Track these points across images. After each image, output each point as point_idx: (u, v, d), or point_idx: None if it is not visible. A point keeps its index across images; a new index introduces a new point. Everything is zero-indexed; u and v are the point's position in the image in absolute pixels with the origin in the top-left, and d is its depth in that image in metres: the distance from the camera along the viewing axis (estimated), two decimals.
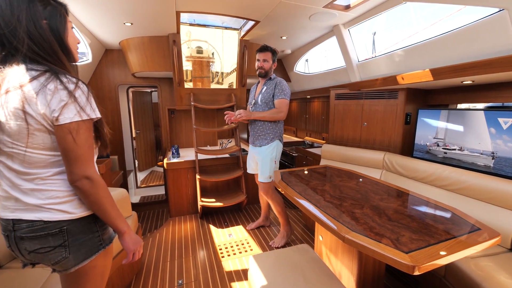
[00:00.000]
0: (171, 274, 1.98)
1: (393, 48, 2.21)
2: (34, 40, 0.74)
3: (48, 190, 0.78)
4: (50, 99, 0.72)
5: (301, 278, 1.29)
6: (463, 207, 1.66)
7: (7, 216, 0.78)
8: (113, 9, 2.05)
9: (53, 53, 0.77)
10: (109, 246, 0.90)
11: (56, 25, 0.79)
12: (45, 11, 0.77)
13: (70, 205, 0.80)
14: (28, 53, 0.74)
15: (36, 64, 0.75)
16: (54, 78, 0.73)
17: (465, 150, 1.88)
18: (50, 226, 0.78)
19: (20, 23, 0.72)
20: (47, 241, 0.78)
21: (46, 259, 0.80)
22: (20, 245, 0.79)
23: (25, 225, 0.77)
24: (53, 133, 0.76)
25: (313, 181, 1.86)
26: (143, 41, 2.83)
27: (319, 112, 3.91)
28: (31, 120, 0.72)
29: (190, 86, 3.30)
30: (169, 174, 2.89)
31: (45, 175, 0.78)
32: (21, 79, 0.71)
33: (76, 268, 0.82)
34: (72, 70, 0.82)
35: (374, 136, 2.64)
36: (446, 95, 2.30)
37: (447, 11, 1.86)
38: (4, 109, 0.72)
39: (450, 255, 0.89)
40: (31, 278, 1.35)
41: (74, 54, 0.86)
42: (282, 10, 2.15)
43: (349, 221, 1.17)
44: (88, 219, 0.84)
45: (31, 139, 0.74)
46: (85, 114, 0.76)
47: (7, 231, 0.79)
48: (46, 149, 0.77)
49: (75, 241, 0.81)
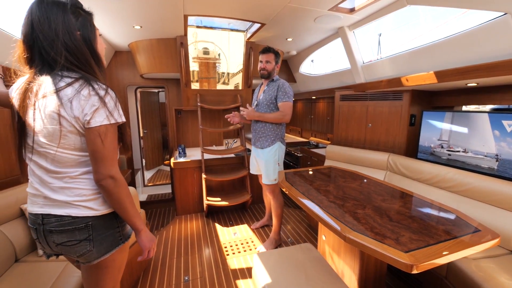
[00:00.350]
0: (177, 271, 2.04)
1: (398, 50, 2.22)
2: (70, 51, 0.80)
3: (76, 188, 0.84)
4: (84, 104, 0.77)
5: (304, 276, 1.32)
6: (467, 209, 1.67)
7: (36, 211, 0.84)
8: (124, 13, 2.12)
9: (86, 62, 0.83)
10: (127, 241, 0.96)
11: (88, 34, 0.85)
12: (77, 22, 0.82)
13: (95, 203, 0.86)
14: (65, 63, 0.79)
15: (71, 72, 0.81)
16: (87, 84, 0.79)
17: (469, 152, 1.88)
18: (77, 221, 0.83)
19: (58, 36, 0.77)
20: (74, 235, 0.84)
21: (72, 251, 0.86)
22: (49, 238, 0.85)
23: (54, 220, 0.83)
24: (83, 135, 0.81)
25: (316, 181, 1.89)
26: (151, 43, 2.90)
27: (324, 112, 3.93)
28: (64, 123, 0.78)
29: (197, 87, 3.36)
30: (176, 173, 2.96)
31: (73, 174, 0.83)
32: (57, 86, 0.77)
33: (99, 260, 0.88)
34: (101, 77, 0.88)
35: (379, 137, 2.65)
36: (451, 97, 2.29)
37: (453, 13, 1.87)
38: (41, 113, 0.78)
39: (448, 255, 0.92)
40: (46, 270, 1.43)
41: (102, 61, 0.92)
42: (287, 13, 2.18)
43: (351, 221, 1.20)
44: (110, 215, 0.90)
45: (63, 140, 0.79)
46: (113, 118, 0.82)
47: (36, 225, 0.85)
48: (76, 149, 0.82)
49: (98, 236, 0.87)
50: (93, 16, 0.90)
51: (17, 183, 1.73)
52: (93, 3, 1.90)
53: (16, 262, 1.50)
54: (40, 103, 0.78)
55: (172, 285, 1.87)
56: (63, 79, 0.78)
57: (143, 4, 1.95)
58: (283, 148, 2.28)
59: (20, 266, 1.47)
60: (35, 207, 0.85)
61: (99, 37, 0.92)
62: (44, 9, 0.77)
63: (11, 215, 1.55)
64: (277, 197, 2.30)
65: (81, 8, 0.86)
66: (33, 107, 0.79)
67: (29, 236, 1.60)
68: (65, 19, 0.79)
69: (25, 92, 0.80)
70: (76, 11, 0.83)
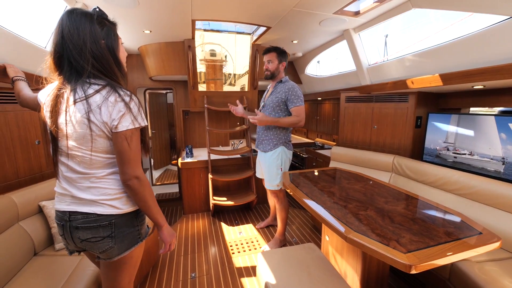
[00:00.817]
0: (184, 268, 2.10)
1: (404, 52, 2.23)
2: (96, 58, 0.85)
3: (102, 187, 0.89)
4: (111, 110, 0.83)
5: (307, 275, 1.36)
6: (472, 212, 1.68)
7: (64, 208, 0.90)
8: (135, 19, 2.20)
9: (110, 69, 0.89)
10: (144, 240, 1.03)
11: (112, 43, 0.90)
12: (102, 31, 0.88)
13: (119, 202, 0.92)
14: (92, 70, 0.85)
15: (97, 79, 0.86)
16: (113, 91, 0.85)
17: (475, 155, 1.87)
18: (102, 219, 0.89)
19: (85, 44, 0.83)
20: (98, 232, 0.90)
21: (95, 248, 0.92)
22: (74, 234, 0.91)
23: (80, 217, 0.89)
24: (110, 138, 0.87)
25: (321, 182, 1.93)
26: (160, 47, 2.98)
27: (330, 114, 3.94)
28: (94, 127, 0.84)
29: (204, 88, 3.43)
30: (183, 173, 3.03)
31: (100, 175, 0.89)
32: (86, 92, 0.83)
33: (119, 257, 0.94)
34: (123, 82, 0.94)
35: (384, 139, 2.66)
36: (458, 99, 2.28)
37: (459, 16, 1.86)
38: (72, 118, 0.84)
39: (447, 257, 0.94)
40: (63, 264, 1.51)
41: (124, 68, 0.98)
42: (293, 17, 2.22)
43: (353, 222, 1.23)
44: (131, 214, 0.96)
45: (91, 145, 0.85)
46: (137, 122, 0.88)
47: (63, 221, 0.91)
48: (104, 152, 0.88)
49: (120, 233, 0.92)
50: (116, 26, 0.96)
51: (36, 181, 1.84)
52: (108, 10, 1.99)
53: (35, 256, 1.60)
54: (71, 109, 0.83)
55: (180, 281, 1.94)
56: (91, 86, 0.84)
57: (153, 10, 2.03)
58: (288, 152, 2.20)
59: (39, 260, 1.56)
60: (63, 205, 0.91)
61: (122, 45, 0.98)
62: (74, 19, 0.83)
63: (31, 211, 1.65)
64: (281, 201, 2.26)
65: (106, 18, 0.92)
66: (65, 112, 0.84)
67: (47, 231, 1.69)
68: (92, 29, 0.84)
69: (56, 98, 0.85)
70: (102, 22, 0.89)
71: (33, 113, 1.88)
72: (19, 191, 1.63)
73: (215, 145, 3.84)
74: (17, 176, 1.76)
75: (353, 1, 1.88)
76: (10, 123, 1.71)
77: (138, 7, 1.94)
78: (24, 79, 1.30)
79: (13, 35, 1.56)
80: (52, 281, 1.37)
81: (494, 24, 1.47)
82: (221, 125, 3.83)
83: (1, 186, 1.64)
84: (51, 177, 1.94)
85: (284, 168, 2.19)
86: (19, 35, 1.62)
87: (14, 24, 1.54)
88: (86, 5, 1.87)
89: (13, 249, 1.44)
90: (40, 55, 1.82)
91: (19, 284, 1.34)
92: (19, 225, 1.56)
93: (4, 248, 1.38)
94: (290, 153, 2.23)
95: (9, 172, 1.70)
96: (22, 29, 1.62)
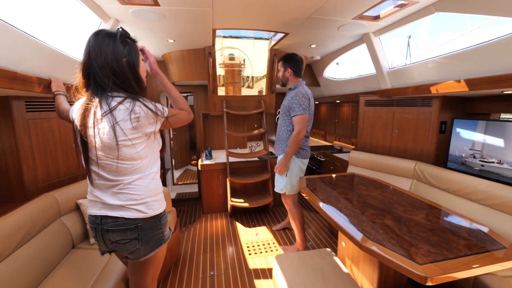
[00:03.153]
0: (204, 266, 2.21)
1: (427, 56, 2.16)
2: (117, 75, 0.94)
3: (129, 193, 0.98)
4: (143, 114, 0.94)
5: (322, 281, 1.39)
6: (499, 223, 1.60)
7: (96, 213, 1.00)
8: (160, 30, 2.35)
9: (129, 84, 0.98)
10: (167, 242, 1.12)
11: (132, 60, 0.99)
12: (124, 49, 0.97)
13: (144, 206, 1.01)
14: (112, 86, 0.94)
15: (117, 92, 0.95)
16: (135, 100, 0.94)
17: (505, 164, 1.78)
18: (129, 222, 0.98)
19: (107, 62, 0.92)
20: (126, 234, 0.99)
21: (124, 249, 1.01)
22: (105, 236, 1.00)
23: (111, 221, 0.98)
24: (134, 146, 0.96)
25: (337, 188, 1.93)
26: (182, 54, 3.14)
27: (349, 117, 3.88)
28: (120, 136, 0.92)
29: (223, 92, 3.54)
30: (203, 175, 3.16)
31: (127, 181, 0.98)
32: (110, 105, 0.92)
33: (146, 258, 1.04)
34: (141, 95, 1.02)
35: (405, 145, 2.58)
36: (487, 103, 2.16)
37: (486, 19, 1.78)
38: (100, 130, 0.93)
39: (465, 271, 0.93)
40: (97, 257, 1.67)
41: (143, 82, 1.07)
42: (311, 23, 2.24)
43: (368, 230, 1.24)
44: (155, 218, 1.04)
45: (119, 153, 0.94)
46: (165, 111, 1.02)
47: (95, 225, 1.01)
48: (129, 159, 0.97)
49: (145, 236, 1.01)
50: (137, 43, 1.05)
51: (74, 181, 2.04)
52: (137, 24, 2.16)
53: (73, 248, 1.78)
54: (98, 122, 0.93)
55: (199, 278, 2.05)
56: (114, 98, 0.93)
57: (177, 22, 2.16)
58: (300, 161, 2.18)
59: (76, 252, 1.74)
60: (94, 210, 1.01)
61: (142, 61, 1.07)
62: (99, 40, 0.93)
63: (70, 208, 1.83)
64: (290, 207, 2.27)
65: (128, 37, 1.01)
66: (93, 125, 0.93)
67: (83, 227, 1.87)
68: (114, 48, 0.94)
69: (84, 112, 0.95)
70: (124, 40, 0.98)
71: None
72: (60, 189, 1.81)
73: (233, 147, 3.94)
74: (58, 176, 1.97)
75: (373, 6, 1.86)
76: (53, 129, 1.92)
77: (164, 20, 2.08)
78: (63, 93, 1.47)
79: (54, 50, 1.74)
80: (87, 273, 1.53)
81: None
82: (239, 128, 3.92)
83: (46, 184, 1.84)
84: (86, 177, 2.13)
85: (292, 175, 2.20)
86: (60, 50, 1.80)
87: (54, 39, 1.73)
88: (118, 20, 2.04)
89: (55, 242, 1.61)
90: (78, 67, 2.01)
91: (60, 274, 1.51)
92: (60, 220, 1.74)
93: (48, 241, 1.56)
94: (303, 161, 2.21)
95: (52, 172, 1.91)
96: (62, 44, 1.81)
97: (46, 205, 1.62)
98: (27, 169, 1.69)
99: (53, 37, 1.72)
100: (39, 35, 1.54)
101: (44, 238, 1.53)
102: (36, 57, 1.56)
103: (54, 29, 1.84)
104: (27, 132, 1.70)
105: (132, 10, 1.87)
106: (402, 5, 1.84)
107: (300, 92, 2.07)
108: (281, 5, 1.87)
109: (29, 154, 1.72)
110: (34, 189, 1.75)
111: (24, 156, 1.67)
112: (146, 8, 1.85)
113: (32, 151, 1.74)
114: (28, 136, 1.71)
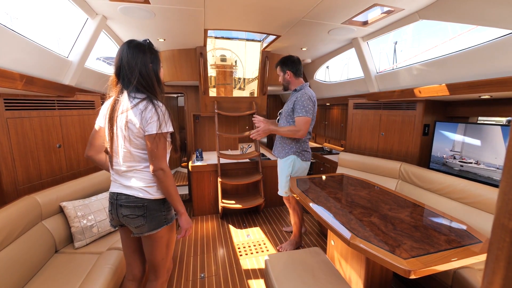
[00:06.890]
0: (194, 268, 2.19)
1: (412, 61, 2.26)
2: (142, 76, 1.15)
3: (140, 177, 1.18)
4: (147, 117, 1.11)
5: (312, 279, 1.42)
6: (476, 220, 1.69)
7: (114, 190, 1.22)
8: (150, 29, 2.33)
9: (152, 85, 1.18)
10: (171, 223, 1.26)
11: (156, 66, 1.20)
12: (150, 57, 1.17)
13: (151, 189, 1.19)
14: (137, 85, 1.14)
15: (140, 93, 1.15)
16: (149, 103, 1.13)
17: (482, 164, 1.88)
18: (138, 201, 1.17)
19: (137, 65, 1.13)
20: (134, 210, 1.17)
21: (132, 223, 1.19)
22: (119, 210, 1.19)
23: (124, 197, 1.18)
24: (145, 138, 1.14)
25: (327, 188, 1.98)
26: (173, 54, 3.11)
27: (338, 119, 3.97)
28: (135, 130, 1.12)
29: (214, 93, 3.54)
30: (193, 176, 3.13)
31: (139, 168, 1.18)
32: (130, 104, 1.12)
33: (149, 234, 1.19)
34: (160, 96, 1.20)
35: (391, 146, 2.68)
36: (466, 107, 2.29)
37: (467, 27, 1.89)
38: (121, 123, 1.13)
39: (445, 264, 0.98)
40: (82, 261, 1.62)
41: (163, 84, 1.26)
42: (302, 27, 2.29)
43: (356, 228, 1.29)
44: (159, 201, 1.21)
45: (135, 142, 1.14)
46: (165, 128, 1.14)
47: (112, 199, 1.22)
48: (141, 149, 1.17)
49: (150, 215, 1.18)
50: (159, 53, 1.25)
51: (57, 183, 1.96)
52: (127, 21, 2.13)
53: (56, 253, 1.71)
54: (120, 117, 1.14)
55: (190, 280, 2.03)
56: (134, 99, 1.13)
57: (168, 21, 2.15)
58: (302, 163, 2.20)
59: (60, 257, 1.68)
60: (113, 188, 1.22)
61: (162, 67, 1.27)
62: (131, 49, 1.14)
63: (52, 211, 1.76)
64: (292, 207, 2.35)
65: (153, 48, 1.22)
66: (115, 119, 1.14)
67: (67, 230, 1.81)
68: (143, 56, 1.15)
69: (112, 107, 1.16)
70: (150, 50, 1.19)
71: (55, 118, 2.02)
72: (42, 192, 1.74)
73: (225, 149, 3.94)
74: (40, 178, 1.90)
75: (361, 12, 1.93)
76: (35, 128, 1.85)
77: (154, 18, 2.06)
78: None
79: (36, 45, 1.67)
80: (73, 277, 1.48)
81: (498, 37, 1.50)
82: (231, 129, 3.92)
83: (26, 187, 1.77)
84: (71, 179, 2.06)
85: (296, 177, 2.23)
86: (43, 45, 1.74)
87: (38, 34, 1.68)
88: (106, 17, 2.01)
89: (37, 246, 1.55)
90: (62, 64, 1.96)
91: (43, 279, 1.46)
92: (42, 224, 1.68)
93: (29, 246, 1.50)
94: (306, 163, 2.24)
95: (33, 174, 1.84)
96: (45, 39, 1.76)
97: (27, 208, 1.56)
98: (5, 170, 1.63)
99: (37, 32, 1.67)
100: (19, 29, 1.51)
101: (24, 242, 1.48)
102: (16, 52, 1.50)
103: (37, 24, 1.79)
104: (5, 132, 1.63)
105: (120, 7, 1.84)
106: (389, 11, 1.92)
107: (306, 93, 2.05)
108: (273, 8, 1.90)
109: (8, 154, 1.65)
110: (13, 192, 1.68)
111: (2, 157, 1.60)
112: (135, 6, 1.83)
113: (12, 151, 1.67)
114: (7, 135, 1.64)
